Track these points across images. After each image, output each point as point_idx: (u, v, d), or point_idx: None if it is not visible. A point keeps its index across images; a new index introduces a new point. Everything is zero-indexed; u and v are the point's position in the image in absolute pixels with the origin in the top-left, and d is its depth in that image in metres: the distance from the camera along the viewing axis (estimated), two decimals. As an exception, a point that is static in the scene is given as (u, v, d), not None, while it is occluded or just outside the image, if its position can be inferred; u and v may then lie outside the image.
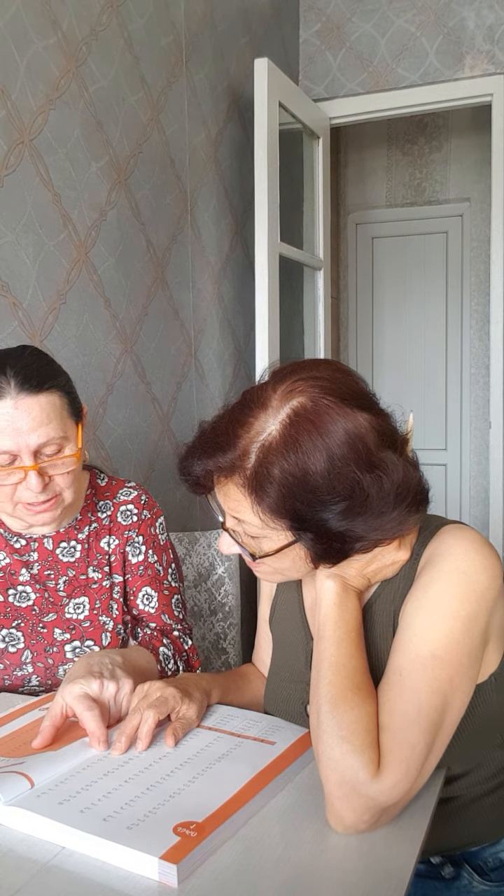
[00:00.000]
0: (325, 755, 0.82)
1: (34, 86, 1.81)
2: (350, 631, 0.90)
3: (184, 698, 1.00)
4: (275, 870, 0.74)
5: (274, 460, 0.83)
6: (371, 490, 0.83)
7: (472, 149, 4.32)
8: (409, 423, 0.93)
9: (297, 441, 0.83)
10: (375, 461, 0.84)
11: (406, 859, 0.76)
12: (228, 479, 0.88)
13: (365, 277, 4.68)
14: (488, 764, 0.98)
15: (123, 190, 2.17)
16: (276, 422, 0.85)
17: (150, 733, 0.95)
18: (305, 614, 1.08)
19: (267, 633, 1.18)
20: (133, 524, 1.34)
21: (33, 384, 1.12)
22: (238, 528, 0.91)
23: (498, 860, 1.00)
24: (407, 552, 0.94)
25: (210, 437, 0.89)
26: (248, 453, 0.85)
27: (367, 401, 0.88)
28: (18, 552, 1.29)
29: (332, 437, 0.83)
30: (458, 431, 4.52)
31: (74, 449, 1.17)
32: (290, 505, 0.84)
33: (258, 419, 0.86)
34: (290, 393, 0.86)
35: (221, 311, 2.80)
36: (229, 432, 0.87)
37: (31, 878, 0.73)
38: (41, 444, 1.13)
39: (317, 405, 0.84)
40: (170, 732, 0.96)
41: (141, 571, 1.32)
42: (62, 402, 1.16)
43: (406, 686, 0.84)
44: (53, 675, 1.25)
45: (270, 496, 0.84)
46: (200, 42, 2.58)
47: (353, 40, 3.32)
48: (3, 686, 1.25)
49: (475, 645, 0.87)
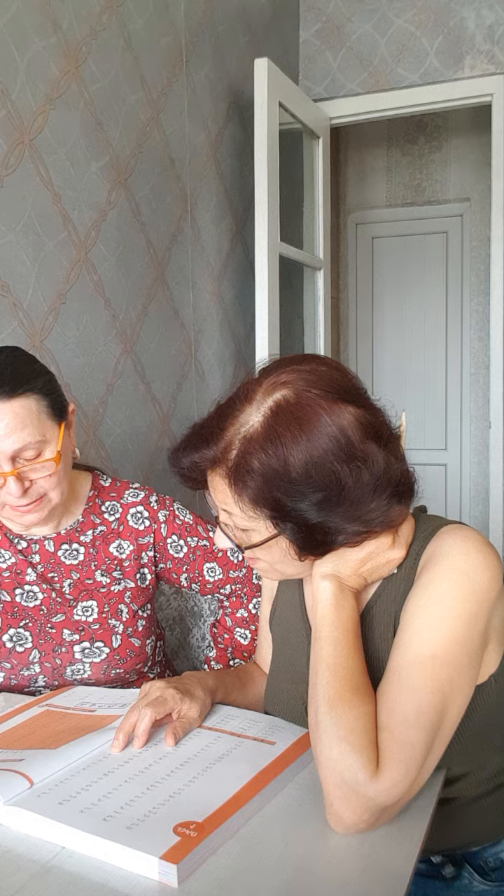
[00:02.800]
0: (324, 755, 0.82)
1: (34, 86, 1.81)
2: (347, 631, 0.90)
3: (184, 698, 1.01)
4: (275, 870, 0.74)
5: (254, 451, 0.84)
6: (347, 481, 0.83)
7: (472, 149, 4.32)
8: (402, 422, 0.93)
9: (276, 433, 0.84)
10: (357, 453, 0.84)
11: (406, 859, 0.76)
12: (214, 472, 0.90)
13: (365, 277, 4.68)
14: (488, 765, 0.98)
15: (123, 190, 2.17)
16: (259, 414, 0.86)
17: (146, 731, 0.95)
18: (306, 614, 1.08)
19: (268, 633, 1.18)
20: (147, 529, 1.34)
21: (6, 390, 1.11)
22: (229, 522, 0.92)
23: (499, 860, 0.99)
24: (402, 550, 0.94)
25: (198, 431, 0.92)
26: (232, 445, 0.87)
27: (353, 394, 0.89)
28: (22, 553, 1.29)
29: (313, 430, 0.84)
30: (458, 431, 4.52)
31: (54, 452, 1.16)
32: (268, 496, 0.85)
33: (243, 412, 0.88)
34: (273, 386, 0.87)
35: (221, 311, 2.80)
36: (215, 425, 0.89)
37: (31, 878, 0.73)
38: (17, 451, 1.12)
39: (300, 398, 0.85)
40: (170, 732, 0.97)
41: (192, 557, 1.37)
42: (39, 405, 1.14)
43: (405, 686, 0.84)
44: (60, 676, 1.24)
45: (250, 487, 0.85)
46: (200, 42, 2.58)
47: (353, 40, 3.32)
48: (8, 685, 1.25)
49: (475, 645, 0.87)
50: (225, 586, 1.40)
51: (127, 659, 1.26)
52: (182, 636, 1.63)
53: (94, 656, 1.24)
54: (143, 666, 1.30)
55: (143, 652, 1.29)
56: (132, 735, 0.96)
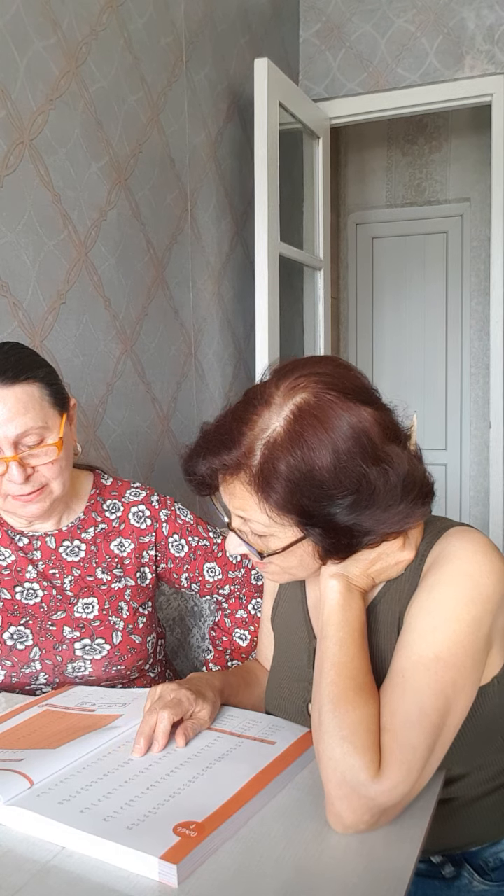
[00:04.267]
0: (326, 755, 0.82)
1: (34, 86, 1.81)
2: (353, 631, 0.90)
3: (197, 700, 1.00)
4: (275, 870, 0.74)
5: (280, 456, 0.83)
6: (378, 483, 0.83)
7: (472, 149, 4.31)
8: (413, 424, 0.93)
9: (301, 436, 0.83)
10: (381, 454, 0.84)
11: (406, 859, 0.76)
12: (234, 478, 0.88)
13: (365, 277, 4.68)
14: (489, 766, 0.98)
15: (123, 190, 2.17)
16: (281, 418, 0.85)
17: (166, 733, 0.95)
18: (308, 613, 1.08)
19: (269, 632, 1.18)
20: (149, 528, 1.34)
21: (9, 376, 1.14)
22: (244, 528, 0.91)
23: (499, 860, 0.99)
24: (412, 552, 0.94)
25: (214, 436, 0.89)
26: (254, 450, 0.85)
27: (369, 395, 0.88)
28: (23, 550, 1.29)
29: (336, 432, 0.83)
30: (458, 431, 4.52)
31: (56, 438, 1.18)
32: (297, 500, 0.84)
33: (262, 416, 0.86)
34: (293, 389, 0.86)
35: (221, 311, 2.80)
36: (233, 430, 0.87)
37: (31, 878, 0.73)
38: (20, 435, 1.14)
39: (320, 401, 0.84)
40: (181, 732, 0.96)
41: (193, 556, 1.37)
42: (41, 392, 1.17)
43: (408, 688, 0.84)
44: (61, 673, 1.25)
45: (277, 492, 0.84)
46: (200, 42, 2.58)
47: (353, 40, 3.31)
48: (9, 683, 1.25)
49: (479, 648, 0.87)
50: (224, 587, 1.40)
51: (128, 656, 1.26)
52: (182, 636, 1.63)
53: (95, 653, 1.24)
54: (144, 663, 1.31)
55: (143, 649, 1.29)
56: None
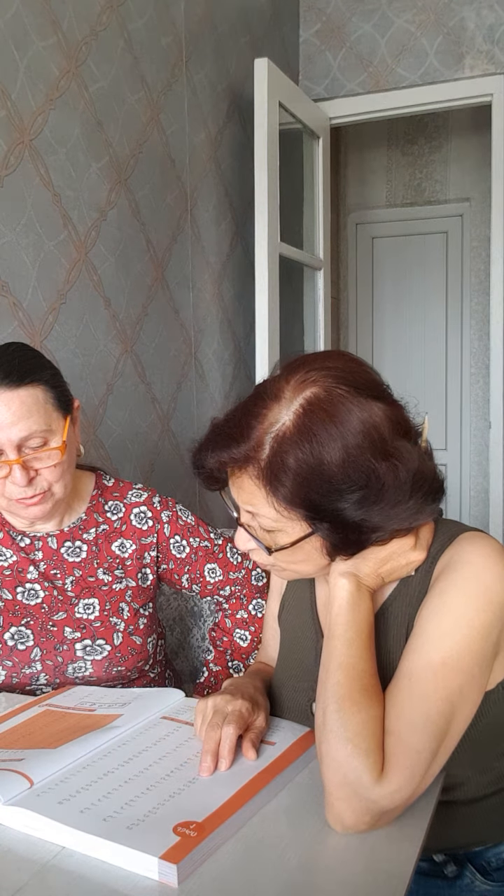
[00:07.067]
0: (329, 755, 0.82)
1: (34, 86, 1.81)
2: (361, 632, 0.89)
3: (255, 709, 0.98)
4: (275, 870, 0.74)
5: (288, 450, 0.83)
6: (387, 478, 0.82)
7: (472, 149, 4.32)
8: (425, 426, 0.93)
9: (311, 430, 0.83)
10: (390, 450, 0.84)
11: (406, 859, 0.76)
12: (242, 472, 0.88)
13: (365, 277, 4.68)
14: (491, 770, 0.98)
15: (123, 190, 2.17)
16: (290, 412, 0.84)
17: (232, 750, 0.91)
18: (317, 612, 1.07)
19: (275, 630, 1.17)
20: (151, 529, 1.34)
21: (13, 378, 1.13)
22: (253, 523, 0.91)
23: (501, 860, 0.99)
24: (423, 553, 0.93)
25: (223, 430, 0.89)
26: (263, 444, 0.85)
27: (380, 390, 0.88)
28: (24, 550, 1.29)
29: (346, 426, 0.83)
30: (458, 431, 4.52)
31: (60, 442, 1.17)
32: (305, 495, 0.83)
33: (271, 410, 0.86)
34: (303, 383, 0.86)
35: (221, 311, 2.80)
36: (243, 424, 0.87)
37: (31, 878, 0.73)
38: (23, 438, 1.13)
39: (330, 395, 0.84)
40: (249, 747, 0.93)
41: (194, 557, 1.37)
42: (46, 395, 1.16)
43: (415, 692, 0.84)
44: (62, 674, 1.25)
45: (286, 486, 0.83)
46: (200, 42, 2.58)
47: (353, 40, 3.31)
48: (10, 684, 1.25)
49: (487, 655, 0.86)
50: (225, 588, 1.40)
51: (128, 657, 1.26)
52: (182, 636, 1.63)
53: (96, 654, 1.24)
54: (145, 664, 1.31)
55: (144, 650, 1.29)
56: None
